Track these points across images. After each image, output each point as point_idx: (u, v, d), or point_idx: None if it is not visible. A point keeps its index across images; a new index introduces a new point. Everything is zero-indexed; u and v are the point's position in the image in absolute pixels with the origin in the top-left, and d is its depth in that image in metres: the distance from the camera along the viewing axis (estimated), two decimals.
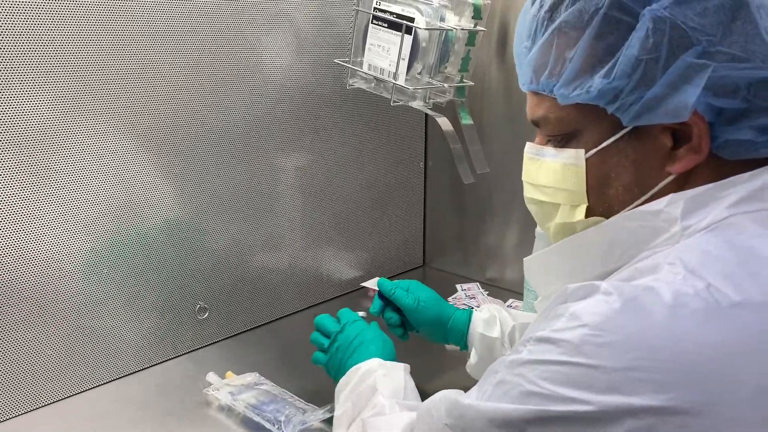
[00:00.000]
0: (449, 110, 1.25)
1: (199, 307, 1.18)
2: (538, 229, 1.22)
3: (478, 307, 1.30)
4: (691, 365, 0.47)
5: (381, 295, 1.03)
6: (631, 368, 0.47)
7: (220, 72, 1.12)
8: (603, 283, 0.52)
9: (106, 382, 1.07)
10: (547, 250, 0.66)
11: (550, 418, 0.49)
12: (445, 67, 1.19)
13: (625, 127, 0.58)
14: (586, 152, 0.61)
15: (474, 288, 1.42)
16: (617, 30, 0.56)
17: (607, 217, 0.62)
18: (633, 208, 0.60)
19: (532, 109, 0.65)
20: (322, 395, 1.03)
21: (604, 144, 0.60)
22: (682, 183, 0.59)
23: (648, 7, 0.54)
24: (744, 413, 0.47)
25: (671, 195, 0.57)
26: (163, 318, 1.13)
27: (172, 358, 1.15)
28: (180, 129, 1.09)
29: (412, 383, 0.81)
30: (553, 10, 0.59)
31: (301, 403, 0.98)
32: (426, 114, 1.49)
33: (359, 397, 0.79)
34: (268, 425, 0.93)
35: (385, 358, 0.87)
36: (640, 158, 0.59)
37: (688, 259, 0.52)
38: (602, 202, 0.62)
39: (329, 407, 0.96)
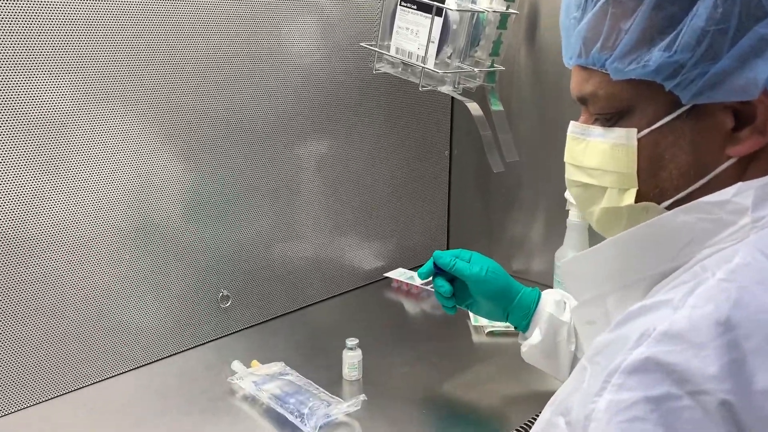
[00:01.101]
0: (478, 96, 1.21)
1: (222, 296, 1.16)
2: (569, 219, 1.19)
3: None
4: None
5: (436, 266, 0.95)
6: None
7: (244, 58, 1.10)
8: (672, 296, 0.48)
9: (128, 371, 1.05)
10: (590, 251, 0.61)
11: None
12: (476, 51, 1.15)
13: (684, 105, 0.54)
14: (638, 132, 0.57)
15: None
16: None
17: (659, 203, 0.57)
18: (688, 193, 0.56)
19: (579, 85, 0.60)
20: (347, 387, 1.01)
21: (660, 123, 0.55)
22: (743, 169, 0.54)
23: None
24: None
25: (739, 184, 0.52)
26: (186, 306, 1.11)
27: (194, 347, 1.13)
28: (204, 117, 1.07)
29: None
30: None
31: (326, 395, 0.96)
32: (452, 102, 1.46)
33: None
34: (291, 417, 0.91)
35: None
36: (698, 139, 0.55)
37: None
38: (654, 186, 0.58)
39: (354, 401, 0.94)
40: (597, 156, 0.60)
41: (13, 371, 0.93)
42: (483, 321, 1.19)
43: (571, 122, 0.64)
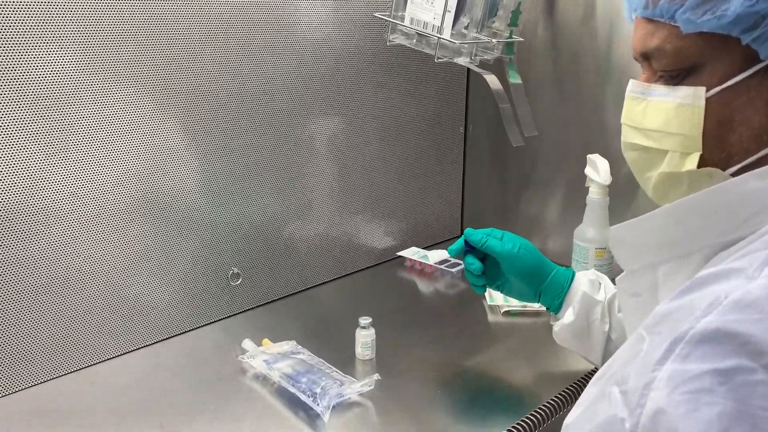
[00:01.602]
0: (496, 68, 1.17)
1: (233, 273, 1.14)
2: (589, 196, 1.15)
3: None
4: None
5: (467, 243, 0.92)
6: None
7: (255, 32, 1.06)
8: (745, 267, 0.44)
9: (139, 348, 1.04)
10: (644, 218, 0.57)
11: None
12: (493, 22, 1.11)
13: (763, 60, 0.50)
14: (707, 90, 0.53)
15: None
16: None
17: (723, 169, 0.54)
18: (757, 158, 0.52)
19: (643, 39, 0.56)
20: (360, 367, 0.99)
21: (733, 81, 0.52)
22: None
23: None
24: None
25: None
26: (196, 284, 1.09)
27: (204, 325, 1.11)
28: (214, 95, 1.04)
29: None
30: None
31: (339, 375, 0.94)
32: (467, 78, 1.42)
33: None
34: (303, 397, 0.89)
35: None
36: (765, 100, 0.51)
37: None
38: (720, 150, 0.54)
39: (367, 380, 0.92)
40: (659, 117, 0.56)
41: (24, 348, 0.92)
42: (499, 300, 1.16)
43: (631, 81, 0.60)
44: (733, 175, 0.54)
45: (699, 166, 0.55)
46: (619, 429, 0.45)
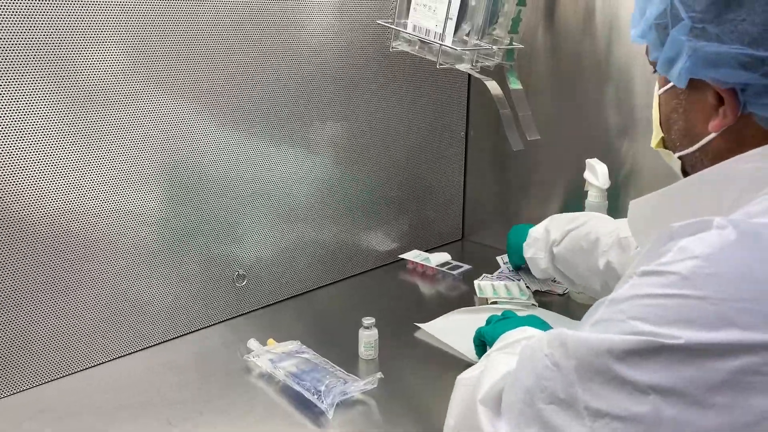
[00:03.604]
0: (496, 74, 1.19)
1: (238, 275, 1.16)
2: (588, 200, 1.18)
3: (526, 285, 1.26)
4: None
5: None
6: (744, 299, 0.44)
7: (260, 37, 1.09)
8: (717, 218, 0.48)
9: (146, 348, 1.06)
10: (658, 193, 0.63)
11: (657, 349, 0.45)
12: (494, 29, 1.13)
13: (669, 81, 0.60)
14: (659, 88, 0.63)
15: None
16: None
17: (674, 152, 0.63)
18: (692, 151, 0.60)
19: None
20: (363, 366, 1.01)
21: (662, 90, 0.62)
22: (736, 145, 0.56)
23: None
24: None
25: None
26: (202, 284, 1.11)
27: (210, 326, 1.13)
28: (221, 98, 1.06)
29: None
30: None
31: (342, 373, 0.96)
32: (468, 83, 1.44)
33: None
34: (307, 395, 0.91)
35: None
36: (689, 108, 0.59)
37: None
38: (669, 137, 0.63)
39: (371, 379, 0.93)
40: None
41: (34, 347, 0.94)
42: (488, 293, 1.19)
43: None
44: (680, 158, 0.63)
45: (665, 147, 0.65)
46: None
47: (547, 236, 1.10)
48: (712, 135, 0.57)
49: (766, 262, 0.45)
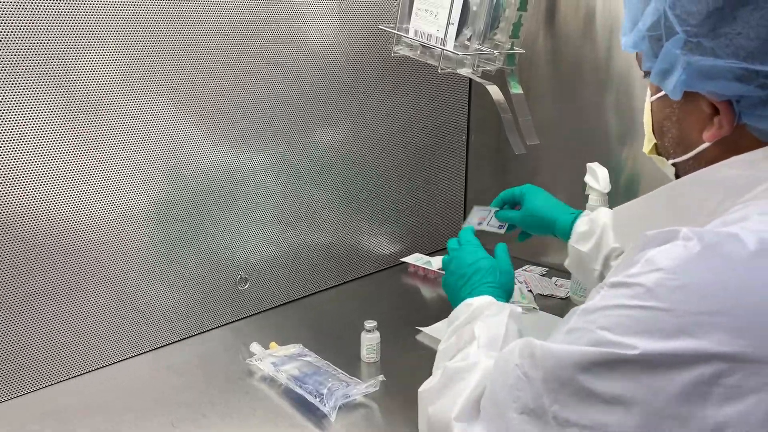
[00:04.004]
0: (497, 79, 1.20)
1: (240, 278, 1.16)
2: (589, 203, 1.18)
3: (528, 289, 1.27)
4: None
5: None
6: (704, 312, 0.45)
7: (262, 41, 1.09)
8: (684, 228, 0.49)
9: (150, 350, 1.06)
10: (639, 200, 0.64)
11: (617, 361, 0.46)
12: (495, 34, 1.14)
13: (662, 90, 0.59)
14: (651, 95, 0.63)
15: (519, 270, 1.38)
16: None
17: (668, 159, 0.63)
18: (685, 159, 0.60)
19: None
20: (365, 369, 1.01)
21: (654, 97, 0.62)
22: (730, 154, 0.56)
23: None
24: None
25: None
26: (205, 287, 1.12)
27: (212, 329, 1.14)
28: (223, 102, 1.07)
29: (515, 326, 0.75)
30: None
31: (345, 376, 0.96)
32: (469, 87, 1.45)
33: (459, 338, 0.75)
34: (310, 398, 0.91)
35: (499, 294, 0.82)
36: (683, 117, 0.59)
37: None
38: (663, 144, 0.64)
39: (372, 382, 0.94)
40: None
41: (39, 350, 0.95)
42: None
43: None
44: (674, 165, 0.62)
45: (658, 153, 0.65)
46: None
47: (604, 240, 0.97)
48: (707, 144, 0.57)
49: (725, 275, 0.46)
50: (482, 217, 1.14)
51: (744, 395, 0.43)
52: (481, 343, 0.71)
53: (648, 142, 0.65)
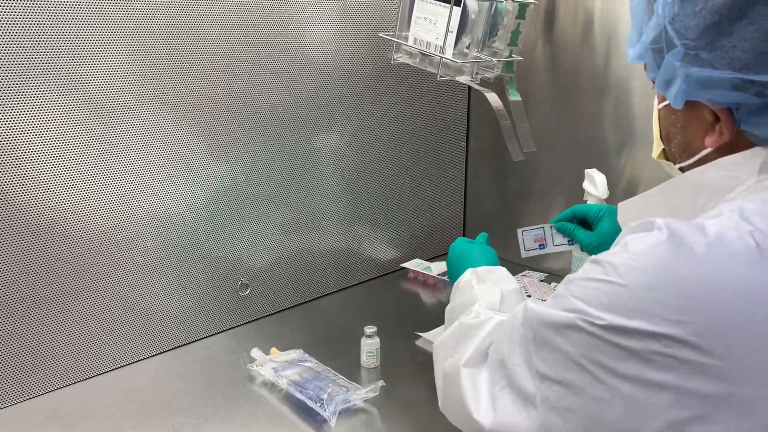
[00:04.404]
0: (496, 86, 1.21)
1: (241, 284, 1.17)
2: None
3: (528, 294, 1.27)
4: (715, 302, 0.49)
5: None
6: (655, 290, 0.50)
7: (263, 49, 1.11)
8: (659, 219, 0.54)
9: (152, 355, 1.07)
10: (643, 195, 0.69)
11: (579, 327, 0.53)
12: (494, 41, 1.15)
13: (666, 100, 0.62)
14: (658, 103, 0.66)
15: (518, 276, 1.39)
16: (645, 14, 0.61)
17: (675, 163, 0.67)
18: (691, 162, 0.63)
19: None
20: (365, 375, 1.02)
21: (661, 105, 0.65)
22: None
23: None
24: (765, 366, 0.48)
25: (755, 148, 0.58)
26: (206, 293, 1.13)
27: (214, 334, 1.14)
28: (225, 110, 1.08)
29: (510, 287, 0.80)
30: None
31: (345, 381, 0.97)
32: (468, 94, 1.46)
33: (466, 299, 0.80)
34: (310, 403, 0.92)
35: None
36: (687, 124, 0.62)
37: (746, 207, 0.54)
38: (670, 149, 0.67)
39: (372, 387, 0.95)
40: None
41: (43, 355, 0.95)
42: None
43: None
44: (681, 169, 0.66)
45: (667, 159, 0.68)
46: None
47: None
48: (710, 149, 0.60)
49: (681, 261, 0.51)
50: (539, 238, 1.02)
51: (677, 368, 0.49)
52: (482, 304, 0.78)
53: (656, 147, 0.69)
